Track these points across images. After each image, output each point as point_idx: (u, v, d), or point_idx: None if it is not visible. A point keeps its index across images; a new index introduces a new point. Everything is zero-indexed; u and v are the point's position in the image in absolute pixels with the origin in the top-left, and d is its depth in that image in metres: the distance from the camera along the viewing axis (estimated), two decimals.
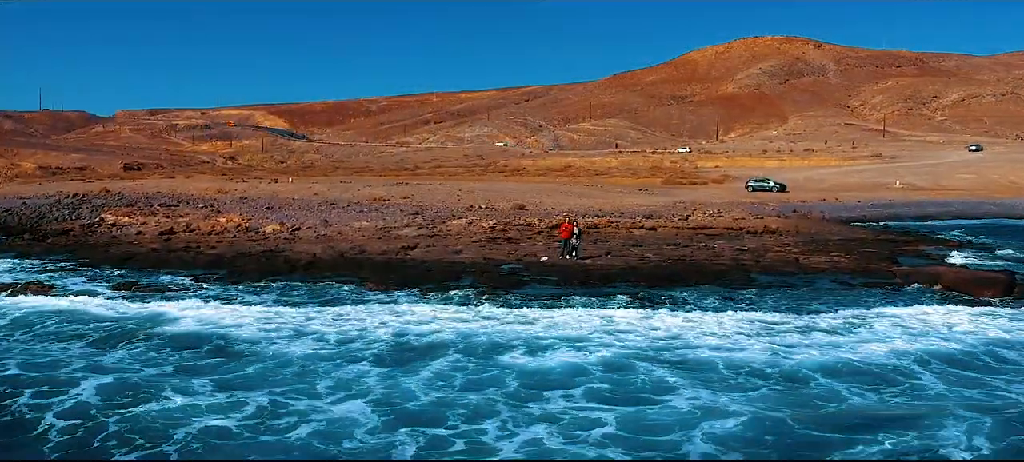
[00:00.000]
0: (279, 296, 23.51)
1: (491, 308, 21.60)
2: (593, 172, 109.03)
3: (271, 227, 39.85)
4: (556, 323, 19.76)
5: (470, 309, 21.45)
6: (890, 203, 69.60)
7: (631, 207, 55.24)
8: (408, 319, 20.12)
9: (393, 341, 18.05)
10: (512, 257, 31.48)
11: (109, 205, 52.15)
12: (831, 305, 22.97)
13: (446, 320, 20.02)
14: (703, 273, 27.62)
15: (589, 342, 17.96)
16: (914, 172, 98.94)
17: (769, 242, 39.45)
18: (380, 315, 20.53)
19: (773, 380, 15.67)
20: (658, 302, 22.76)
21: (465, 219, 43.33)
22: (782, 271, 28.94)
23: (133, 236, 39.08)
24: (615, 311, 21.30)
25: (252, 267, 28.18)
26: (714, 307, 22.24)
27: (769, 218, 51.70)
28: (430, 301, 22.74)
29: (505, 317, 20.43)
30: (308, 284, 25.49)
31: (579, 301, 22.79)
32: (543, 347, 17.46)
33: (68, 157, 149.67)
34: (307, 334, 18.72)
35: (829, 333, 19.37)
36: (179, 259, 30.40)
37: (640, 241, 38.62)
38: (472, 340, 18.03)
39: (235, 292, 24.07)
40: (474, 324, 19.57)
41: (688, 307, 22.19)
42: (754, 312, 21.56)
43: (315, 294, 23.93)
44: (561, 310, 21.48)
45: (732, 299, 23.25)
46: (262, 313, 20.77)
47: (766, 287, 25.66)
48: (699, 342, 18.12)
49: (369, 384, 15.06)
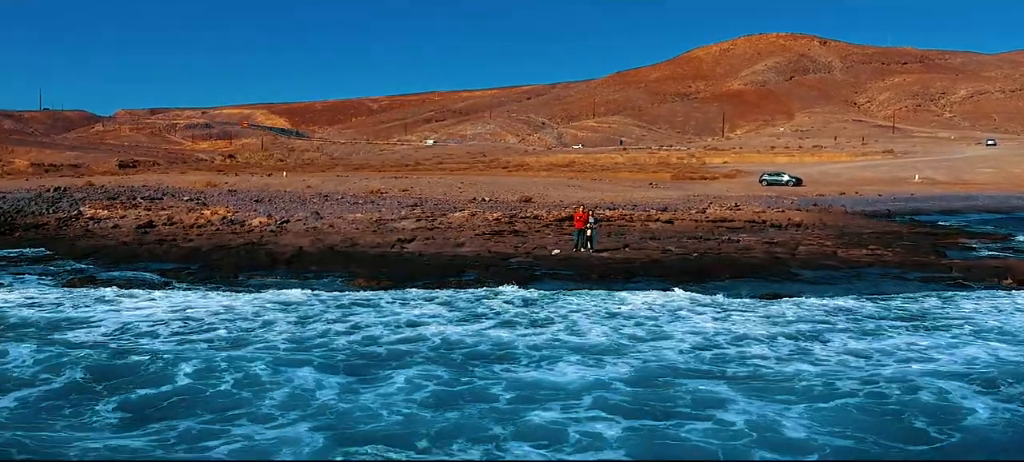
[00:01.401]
0: (244, 292, 20.29)
1: (498, 302, 18.52)
2: (598, 168, 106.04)
3: (258, 220, 36.84)
4: (575, 325, 16.67)
5: (470, 305, 18.34)
6: (912, 197, 66.55)
7: (643, 200, 52.19)
8: (391, 318, 17.02)
9: (364, 348, 14.84)
10: (520, 250, 28.42)
11: (90, 199, 49.25)
12: (900, 299, 19.84)
13: (436, 316, 16.94)
14: (736, 267, 24.55)
15: (615, 347, 14.88)
16: (932, 166, 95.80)
17: (797, 235, 36.42)
18: (357, 315, 17.37)
19: (879, 396, 12.40)
20: (693, 298, 19.67)
21: (468, 211, 40.28)
22: (823, 265, 25.84)
23: (109, 229, 36.17)
24: (642, 308, 18.22)
25: (230, 261, 25.15)
26: (761, 305, 19.11)
27: (791, 211, 48.73)
28: (419, 298, 19.54)
29: (511, 316, 17.35)
30: (287, 280, 22.42)
31: (600, 297, 19.69)
32: (553, 357, 14.31)
33: (63, 155, 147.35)
34: (252, 343, 15.14)
35: (913, 329, 16.33)
36: (150, 252, 27.41)
37: (657, 234, 35.56)
38: (461, 349, 14.78)
39: (198, 288, 20.95)
40: (470, 326, 16.47)
41: (727, 305, 19.09)
42: (808, 307, 18.48)
43: (287, 289, 20.66)
44: (578, 302, 18.43)
45: (776, 296, 20.12)
46: (208, 313, 17.54)
47: (811, 282, 22.56)
48: (752, 349, 15.03)
49: (324, 400, 11.85)
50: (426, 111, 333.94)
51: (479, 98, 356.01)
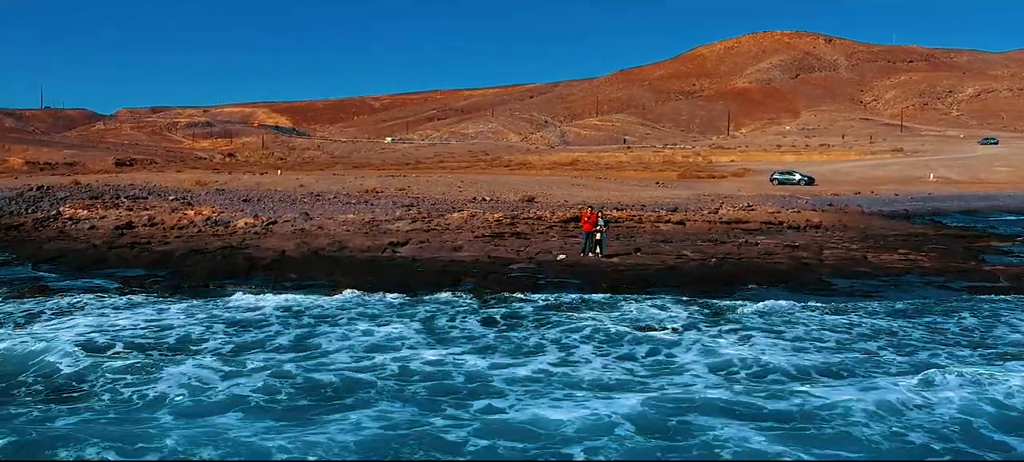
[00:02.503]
0: (201, 304, 17.89)
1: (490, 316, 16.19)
2: (602, 167, 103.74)
3: (243, 221, 34.56)
4: (580, 353, 14.36)
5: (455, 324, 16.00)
6: (930, 196, 64.24)
7: (651, 200, 49.88)
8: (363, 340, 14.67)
9: (314, 375, 12.44)
10: (523, 255, 26.12)
11: (73, 198, 47.04)
12: (952, 313, 17.51)
13: (402, 337, 14.60)
14: (761, 274, 22.22)
15: (624, 383, 12.58)
16: (945, 165, 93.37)
17: (819, 238, 34.13)
18: (318, 337, 14.92)
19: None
20: (719, 312, 17.37)
21: (467, 212, 37.98)
22: (855, 271, 23.51)
23: (85, 231, 33.97)
24: (663, 329, 15.91)
25: (203, 267, 22.88)
26: (800, 322, 16.77)
27: (807, 212, 46.43)
28: (403, 314, 17.12)
29: (504, 336, 15.03)
30: (261, 289, 20.09)
31: (614, 311, 17.39)
32: (544, 393, 11.90)
33: (60, 153, 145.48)
34: (169, 376, 12.45)
35: (986, 361, 13.95)
36: (119, 257, 25.14)
37: (669, 237, 33.28)
38: (435, 381, 12.33)
39: (156, 299, 18.56)
40: (445, 351, 14.10)
41: (761, 322, 16.78)
42: (849, 326, 16.17)
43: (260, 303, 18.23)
44: (587, 320, 16.13)
45: (811, 310, 17.79)
46: (144, 330, 15.10)
47: (846, 293, 20.22)
48: (797, 385, 12.73)
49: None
50: (428, 110, 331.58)
51: (481, 97, 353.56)
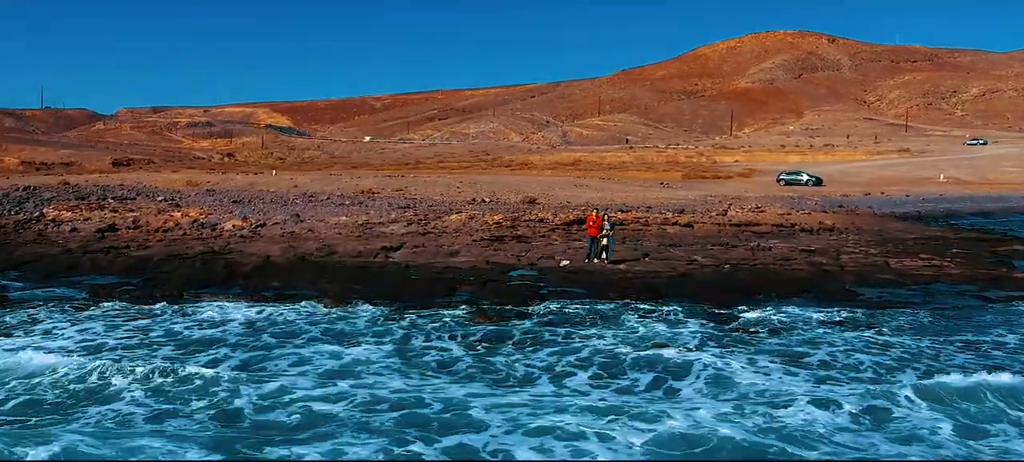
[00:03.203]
0: (160, 315, 16.24)
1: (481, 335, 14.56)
2: (605, 167, 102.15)
3: (231, 223, 32.98)
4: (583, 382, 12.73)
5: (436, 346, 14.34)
6: (941, 197, 62.62)
7: (656, 201, 48.28)
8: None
9: (259, 418, 10.75)
10: (524, 261, 24.53)
11: (59, 199, 45.49)
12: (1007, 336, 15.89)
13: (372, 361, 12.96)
14: (780, 283, 20.62)
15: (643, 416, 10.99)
16: (954, 165, 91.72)
17: (834, 241, 32.56)
18: (274, 360, 13.18)
19: None
20: (735, 329, 15.75)
21: (465, 213, 36.39)
22: (880, 279, 21.90)
23: (66, 233, 32.39)
24: (672, 349, 14.30)
25: (180, 275, 21.30)
26: (827, 341, 15.13)
27: (817, 213, 44.89)
28: (382, 332, 15.38)
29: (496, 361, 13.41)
30: (239, 299, 18.52)
31: (619, 329, 15.79)
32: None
33: (57, 153, 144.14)
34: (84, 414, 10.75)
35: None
36: (92, 263, 23.55)
37: (677, 240, 31.71)
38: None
39: (120, 310, 16.98)
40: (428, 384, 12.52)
41: (783, 342, 15.16)
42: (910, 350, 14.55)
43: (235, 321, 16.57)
44: (595, 340, 14.54)
45: (843, 324, 16.18)
46: (76, 352, 13.37)
47: (874, 304, 18.61)
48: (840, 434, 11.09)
49: None
50: (429, 109, 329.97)
51: (483, 96, 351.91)
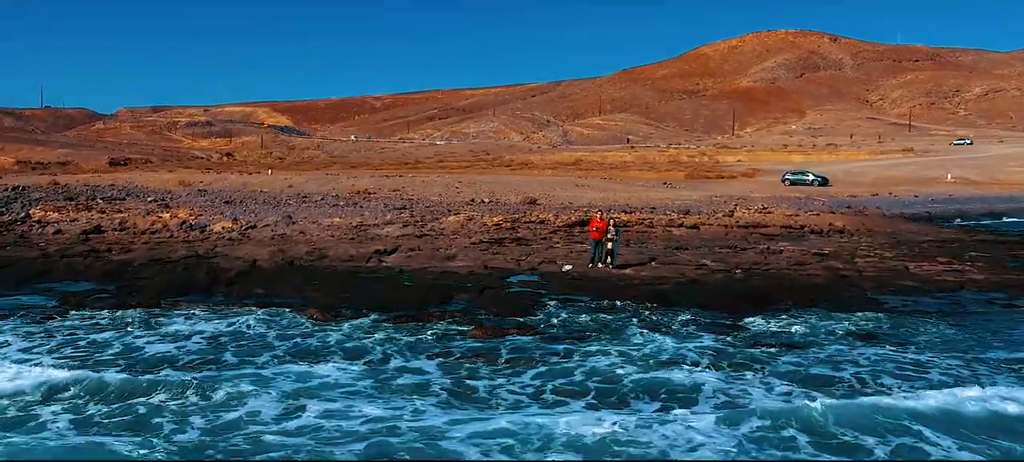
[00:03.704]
0: (112, 337, 14.92)
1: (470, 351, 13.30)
2: (606, 166, 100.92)
3: (220, 225, 31.79)
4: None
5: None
6: (951, 198, 61.35)
7: (661, 202, 47.08)
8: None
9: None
10: (524, 265, 23.30)
11: (47, 199, 44.34)
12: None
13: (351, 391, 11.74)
14: (797, 289, 19.38)
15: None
16: (960, 165, 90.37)
17: (847, 244, 31.31)
18: (229, 384, 11.75)
19: None
20: (751, 342, 14.51)
21: (464, 214, 35.17)
22: (901, 286, 20.65)
23: (49, 235, 31.20)
24: (680, 367, 13.05)
25: (159, 280, 20.08)
26: (852, 360, 13.87)
27: (826, 214, 43.65)
28: (360, 347, 14.03)
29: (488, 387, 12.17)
30: (218, 308, 17.30)
31: (623, 343, 14.55)
32: None
33: (54, 152, 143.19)
34: None
35: None
36: (69, 267, 22.32)
37: (684, 242, 30.48)
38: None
39: (57, 331, 15.64)
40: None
41: (805, 359, 13.92)
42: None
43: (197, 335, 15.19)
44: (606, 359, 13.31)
45: (868, 338, 14.91)
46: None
47: (897, 312, 17.38)
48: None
49: None
50: (429, 109, 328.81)
51: (483, 96, 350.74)
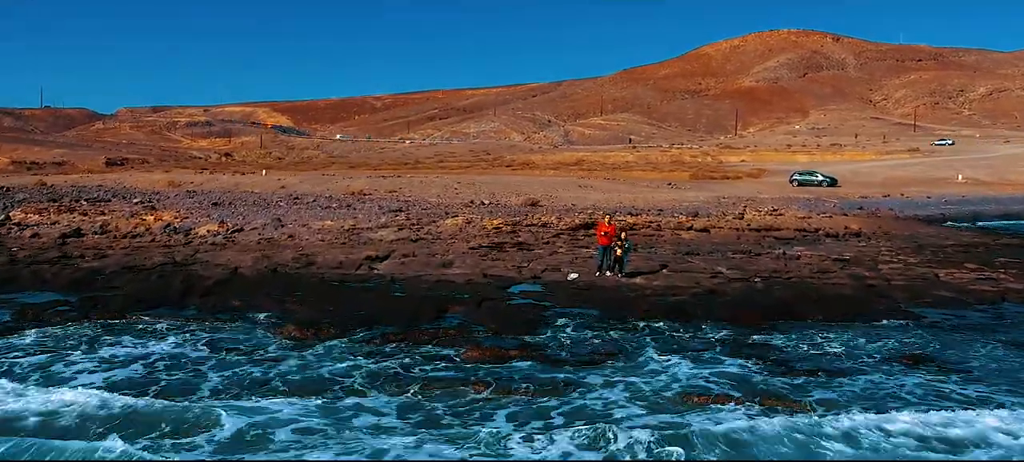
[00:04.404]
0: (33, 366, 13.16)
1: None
2: (609, 167, 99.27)
3: (205, 228, 30.16)
4: None
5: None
6: (964, 199, 59.60)
7: (667, 203, 45.42)
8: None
9: None
10: (526, 273, 21.63)
11: (31, 200, 42.78)
12: None
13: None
14: (824, 302, 17.71)
15: None
16: (970, 165, 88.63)
17: (866, 249, 29.62)
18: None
19: None
20: (784, 368, 12.84)
21: (462, 217, 33.51)
22: (936, 296, 18.97)
23: (25, 239, 29.61)
24: (706, 404, 11.40)
25: (129, 291, 18.43)
26: (906, 396, 12.21)
27: (839, 216, 41.97)
28: (323, 379, 12.28)
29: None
30: (187, 323, 15.64)
31: (635, 372, 12.87)
32: None
33: (50, 152, 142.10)
34: None
35: None
36: (34, 275, 20.68)
37: (695, 247, 28.79)
38: None
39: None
40: None
41: (848, 392, 12.24)
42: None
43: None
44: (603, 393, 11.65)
45: (915, 363, 13.22)
46: None
47: (938, 327, 15.73)
48: None
49: None
50: (430, 109, 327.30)
51: (484, 96, 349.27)
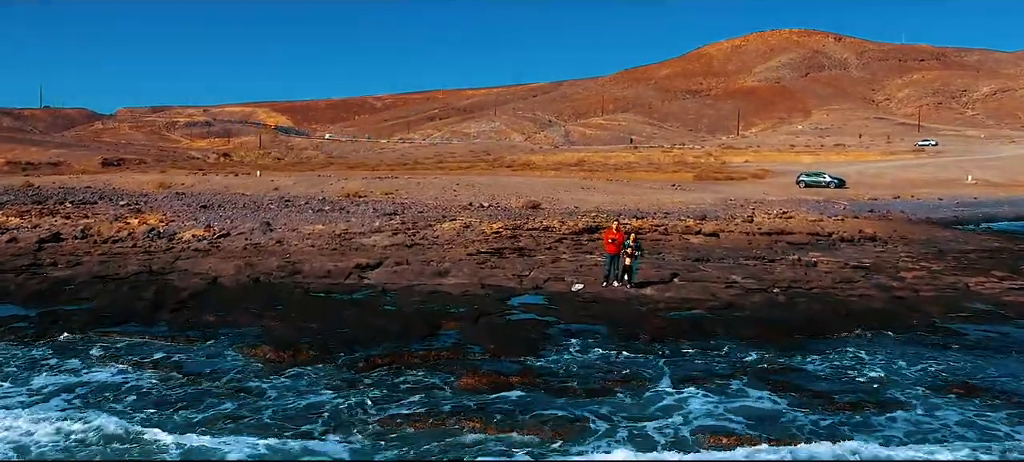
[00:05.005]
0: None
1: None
2: (610, 167, 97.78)
3: (190, 233, 28.71)
4: None
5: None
6: (976, 201, 58.14)
7: (672, 205, 43.96)
8: None
9: None
10: (526, 283, 20.15)
11: (14, 202, 41.39)
12: None
13: None
14: (852, 317, 16.21)
15: None
16: (979, 166, 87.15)
17: (885, 255, 28.14)
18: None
19: None
20: (824, 404, 11.35)
21: (460, 221, 32.04)
22: (970, 310, 17.48)
23: (2, 245, 28.23)
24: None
25: (99, 303, 16.97)
26: (977, 443, 10.67)
27: (851, 219, 40.49)
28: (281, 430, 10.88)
29: None
30: (152, 341, 14.18)
31: (644, 410, 11.39)
32: None
33: (47, 153, 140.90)
34: None
35: None
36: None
37: (705, 253, 27.32)
38: None
39: None
40: None
41: (908, 429, 10.76)
42: None
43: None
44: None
45: (966, 392, 11.73)
46: None
47: (982, 347, 14.21)
48: None
49: None
50: (430, 109, 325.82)
51: (484, 96, 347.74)
